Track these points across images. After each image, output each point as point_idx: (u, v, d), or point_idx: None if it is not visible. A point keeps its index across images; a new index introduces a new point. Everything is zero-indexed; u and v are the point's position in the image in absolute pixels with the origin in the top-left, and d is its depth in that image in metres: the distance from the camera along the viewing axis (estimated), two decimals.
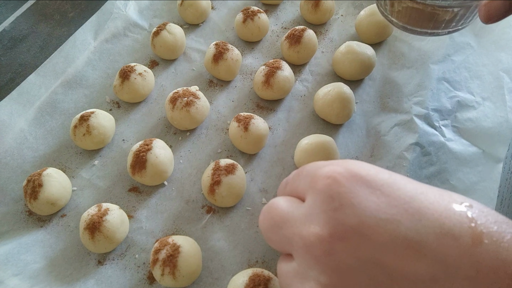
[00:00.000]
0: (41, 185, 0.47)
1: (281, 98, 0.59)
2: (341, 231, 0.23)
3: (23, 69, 0.64)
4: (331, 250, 0.23)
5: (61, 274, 0.45)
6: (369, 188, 0.23)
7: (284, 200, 0.29)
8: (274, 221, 0.28)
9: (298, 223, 0.25)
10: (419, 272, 0.21)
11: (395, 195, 0.23)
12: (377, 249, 0.22)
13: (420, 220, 0.22)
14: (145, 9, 0.69)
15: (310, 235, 0.24)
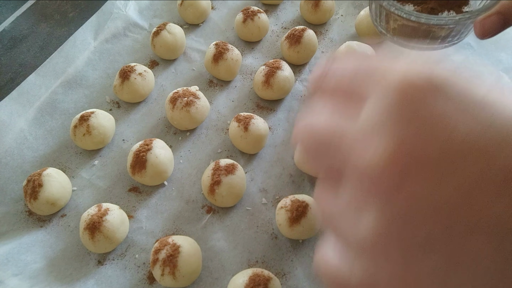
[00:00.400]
0: (41, 185, 0.47)
1: (281, 98, 0.59)
2: (420, 158, 0.16)
3: (23, 69, 0.64)
4: (403, 182, 0.16)
5: (61, 274, 0.45)
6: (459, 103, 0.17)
7: (325, 116, 0.20)
8: (321, 137, 0.20)
9: (355, 141, 0.18)
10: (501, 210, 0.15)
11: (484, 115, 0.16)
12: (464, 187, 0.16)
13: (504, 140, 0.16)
14: (145, 9, 0.69)
15: (375, 161, 0.17)
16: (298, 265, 0.45)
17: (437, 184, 0.16)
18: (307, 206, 0.44)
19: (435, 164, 0.16)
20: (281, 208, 0.45)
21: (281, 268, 0.45)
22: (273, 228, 0.48)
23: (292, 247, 0.46)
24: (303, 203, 0.44)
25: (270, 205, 0.49)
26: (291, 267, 0.45)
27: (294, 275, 0.44)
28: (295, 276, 0.44)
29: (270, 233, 0.47)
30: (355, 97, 0.19)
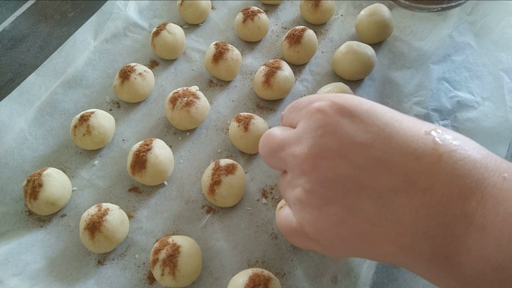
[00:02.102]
0: (41, 185, 0.47)
1: (281, 98, 0.59)
2: (325, 151, 0.28)
3: (23, 69, 0.64)
4: (316, 165, 0.28)
5: (61, 274, 0.45)
6: (351, 118, 0.28)
7: (279, 129, 0.34)
8: (272, 147, 0.34)
9: (292, 145, 0.31)
10: (383, 184, 0.26)
11: (372, 122, 0.27)
12: (352, 166, 0.27)
13: (389, 143, 0.26)
14: (145, 9, 0.69)
15: (301, 154, 0.29)
16: (298, 265, 0.45)
17: (335, 166, 0.28)
18: None
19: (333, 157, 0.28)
20: (281, 208, 0.45)
21: (281, 268, 0.45)
22: (273, 228, 0.48)
23: (292, 247, 0.46)
24: None
25: (270, 205, 0.49)
26: (291, 267, 0.45)
27: (294, 275, 0.44)
28: (295, 276, 0.44)
29: (270, 233, 0.47)
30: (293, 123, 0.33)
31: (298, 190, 0.30)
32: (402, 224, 0.25)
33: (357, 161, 0.27)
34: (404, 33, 0.64)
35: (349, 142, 0.27)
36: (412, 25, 0.65)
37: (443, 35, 0.61)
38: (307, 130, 0.30)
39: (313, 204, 0.29)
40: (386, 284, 0.43)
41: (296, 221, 0.31)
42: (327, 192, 0.28)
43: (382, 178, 0.26)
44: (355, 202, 0.27)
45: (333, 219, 0.28)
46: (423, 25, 0.65)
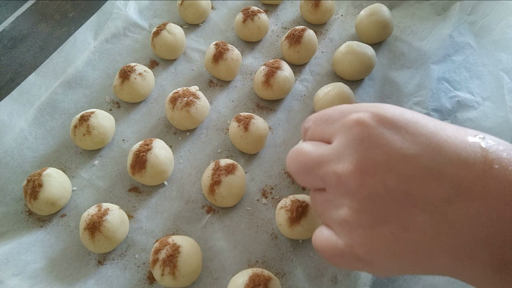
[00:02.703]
0: (41, 185, 0.47)
1: (281, 98, 0.59)
2: (372, 166, 0.27)
3: (23, 69, 0.64)
4: (363, 182, 0.27)
5: (61, 274, 0.45)
6: (395, 129, 0.27)
7: (311, 145, 0.32)
8: (306, 164, 0.31)
9: (331, 162, 0.29)
10: (437, 195, 0.25)
11: (418, 132, 0.27)
12: (403, 179, 0.26)
13: (439, 152, 0.26)
14: (145, 9, 0.69)
15: (345, 171, 0.27)
16: (298, 265, 0.45)
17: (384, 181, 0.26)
18: (307, 206, 0.44)
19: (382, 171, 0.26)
20: (281, 208, 0.45)
21: (281, 268, 0.45)
22: (273, 228, 0.48)
23: (292, 247, 0.46)
24: (303, 203, 0.44)
25: (270, 205, 0.49)
26: (291, 267, 0.45)
27: (294, 275, 0.44)
28: (295, 276, 0.44)
29: (270, 233, 0.47)
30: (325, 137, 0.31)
31: (344, 211, 0.28)
32: (460, 235, 0.25)
33: (408, 174, 0.26)
34: (404, 33, 0.64)
35: (397, 155, 0.26)
36: (412, 25, 0.65)
37: (443, 35, 0.61)
38: (349, 145, 0.28)
39: (363, 224, 0.27)
40: (386, 284, 0.43)
41: (343, 243, 0.29)
42: (378, 210, 0.27)
43: (435, 189, 0.25)
44: (409, 218, 0.26)
45: (387, 238, 0.27)
46: (423, 25, 0.65)
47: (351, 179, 0.27)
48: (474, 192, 0.24)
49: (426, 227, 0.25)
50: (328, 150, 0.30)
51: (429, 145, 0.26)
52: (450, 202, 0.25)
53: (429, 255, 0.26)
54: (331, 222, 0.31)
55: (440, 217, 0.25)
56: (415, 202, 0.26)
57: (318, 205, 0.32)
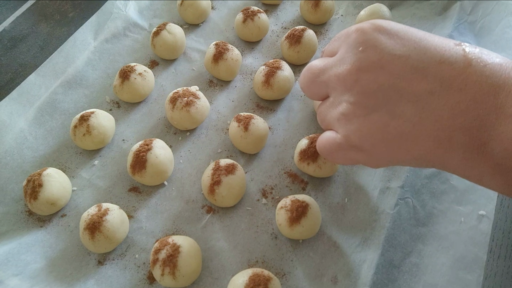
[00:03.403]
0: (41, 185, 0.47)
1: (281, 98, 0.59)
2: (366, 65, 0.31)
3: (23, 69, 0.64)
4: (358, 79, 0.31)
5: (61, 274, 0.45)
6: (388, 34, 0.31)
7: (319, 59, 0.37)
8: (313, 73, 0.36)
9: (333, 67, 0.34)
10: (421, 88, 0.29)
11: (408, 37, 0.31)
12: (392, 76, 0.30)
13: (425, 53, 0.30)
14: (145, 9, 0.69)
15: (343, 70, 0.32)
16: (298, 265, 0.45)
17: (376, 77, 0.31)
18: (307, 206, 0.44)
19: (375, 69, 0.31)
20: (281, 208, 0.45)
21: (281, 268, 0.45)
22: (273, 228, 0.48)
23: (292, 247, 0.46)
24: (303, 203, 0.44)
25: (270, 205, 0.49)
26: (291, 267, 0.45)
27: (294, 275, 0.44)
28: (295, 276, 0.44)
29: (270, 233, 0.47)
30: (334, 52, 0.36)
31: (342, 106, 0.33)
32: (441, 122, 0.29)
33: (397, 71, 0.30)
34: None
35: (389, 55, 0.30)
36: (412, 25, 0.64)
37: (443, 35, 0.61)
38: (347, 49, 0.33)
39: (358, 114, 0.32)
40: (386, 284, 0.43)
41: (340, 136, 0.34)
42: (370, 102, 0.31)
43: (420, 84, 0.29)
44: (397, 107, 0.30)
45: (377, 125, 0.31)
46: (423, 25, 0.65)
47: (348, 76, 0.32)
48: (454, 85, 0.28)
49: (411, 114, 0.30)
50: (331, 59, 0.35)
51: (416, 48, 0.30)
52: (432, 94, 0.29)
53: (413, 140, 0.30)
54: (331, 122, 0.35)
55: (423, 106, 0.29)
56: (402, 94, 0.30)
57: (322, 112, 0.37)
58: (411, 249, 0.45)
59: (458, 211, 0.47)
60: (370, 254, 0.45)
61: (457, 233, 0.46)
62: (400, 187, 0.49)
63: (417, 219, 0.47)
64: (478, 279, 0.43)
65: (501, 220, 0.48)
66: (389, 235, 0.46)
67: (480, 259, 0.44)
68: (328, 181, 0.51)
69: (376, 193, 0.49)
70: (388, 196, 0.49)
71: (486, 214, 0.47)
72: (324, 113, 0.37)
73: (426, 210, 0.48)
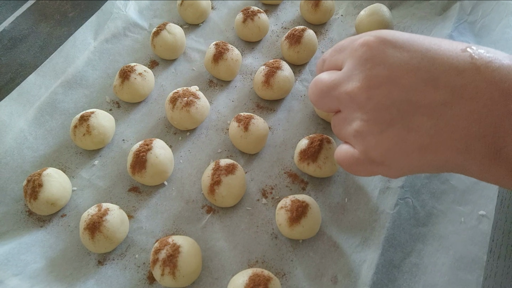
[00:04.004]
0: (41, 185, 0.47)
1: (281, 98, 0.59)
2: (377, 82, 0.31)
3: (23, 69, 0.64)
4: (370, 96, 0.31)
5: (61, 274, 0.45)
6: (395, 48, 0.31)
7: (326, 73, 0.37)
8: (322, 90, 0.36)
9: (343, 83, 0.34)
10: (434, 100, 0.29)
11: (414, 49, 0.31)
12: (404, 90, 0.30)
13: (433, 64, 0.30)
14: (145, 9, 0.69)
15: (354, 88, 0.32)
16: (298, 265, 0.45)
17: (388, 92, 0.31)
18: (307, 206, 0.44)
19: (385, 84, 0.31)
20: (281, 208, 0.45)
21: (281, 268, 0.45)
22: (273, 228, 0.48)
23: (292, 247, 0.46)
24: (303, 203, 0.44)
25: (270, 205, 0.49)
26: (291, 267, 0.45)
27: (294, 275, 0.44)
28: (295, 276, 0.44)
29: (270, 233, 0.47)
30: (338, 65, 0.36)
31: (356, 123, 0.33)
32: (457, 131, 0.29)
33: (408, 85, 0.30)
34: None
35: (398, 69, 0.31)
36: (412, 25, 0.65)
37: (443, 35, 0.61)
38: (356, 66, 0.33)
39: (373, 131, 0.32)
40: (386, 285, 0.43)
41: (358, 151, 0.34)
42: (385, 117, 0.31)
43: (433, 95, 0.29)
44: (412, 121, 0.30)
45: (395, 140, 0.31)
46: (423, 25, 0.65)
47: (360, 94, 0.32)
48: (465, 94, 0.29)
49: (427, 127, 0.30)
50: (340, 74, 0.35)
51: (424, 59, 0.30)
52: (445, 105, 0.29)
53: (433, 151, 0.31)
54: (347, 137, 0.36)
55: (438, 117, 0.30)
56: (416, 107, 0.30)
57: (336, 125, 0.37)
58: (411, 249, 0.45)
59: (458, 211, 0.47)
60: (370, 254, 0.45)
61: (457, 233, 0.46)
62: (400, 187, 0.49)
63: (417, 219, 0.47)
64: (478, 279, 0.43)
65: (501, 220, 0.48)
66: (389, 235, 0.46)
67: (480, 259, 0.44)
68: (328, 181, 0.51)
69: (376, 193, 0.49)
70: (388, 196, 0.49)
71: (486, 214, 0.47)
72: (338, 127, 0.37)
73: (426, 210, 0.48)
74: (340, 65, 0.36)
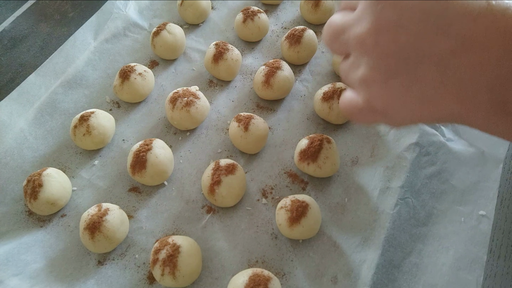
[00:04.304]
0: (41, 185, 0.47)
1: (281, 98, 0.59)
2: (385, 25, 0.29)
3: (23, 69, 0.64)
4: (377, 40, 0.30)
5: (61, 274, 0.45)
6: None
7: (339, 14, 0.35)
8: (334, 32, 0.35)
9: (353, 26, 0.32)
10: (443, 48, 0.28)
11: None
12: (412, 36, 0.28)
13: (447, 8, 0.27)
14: (145, 9, 0.69)
15: (362, 32, 0.31)
16: (298, 265, 0.45)
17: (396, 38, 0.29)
18: (307, 206, 0.44)
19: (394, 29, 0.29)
20: (281, 208, 0.45)
21: (281, 268, 0.45)
22: (273, 228, 0.48)
23: (292, 247, 0.46)
24: (303, 203, 0.44)
25: (270, 205, 0.49)
26: (291, 267, 0.45)
27: (294, 275, 0.44)
28: (295, 276, 0.44)
29: (270, 233, 0.47)
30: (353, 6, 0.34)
31: (361, 69, 0.32)
32: (463, 82, 0.28)
33: (417, 30, 0.28)
34: None
35: (409, 12, 0.29)
36: None
37: None
38: (367, 7, 0.31)
39: (377, 79, 0.31)
40: (386, 285, 0.43)
41: (362, 99, 0.33)
42: (390, 65, 0.30)
43: (442, 43, 0.28)
44: (418, 70, 0.29)
45: (398, 90, 0.30)
46: None
47: (367, 38, 0.30)
48: (477, 43, 0.27)
49: (433, 77, 0.29)
50: (351, 17, 0.33)
51: (438, 3, 0.28)
52: (455, 54, 0.27)
53: (436, 102, 0.30)
54: (353, 83, 0.34)
55: (446, 67, 0.28)
56: (423, 56, 0.28)
57: (344, 70, 0.36)
58: (411, 249, 0.45)
59: (458, 211, 0.47)
60: (370, 254, 0.45)
61: (457, 233, 0.46)
62: (400, 187, 0.49)
63: (417, 219, 0.47)
64: (478, 279, 0.43)
65: (501, 220, 0.48)
66: (389, 235, 0.46)
67: (480, 259, 0.44)
68: (328, 181, 0.51)
69: (376, 193, 0.49)
70: (388, 196, 0.49)
71: (486, 214, 0.47)
72: (346, 72, 0.36)
73: (426, 210, 0.48)
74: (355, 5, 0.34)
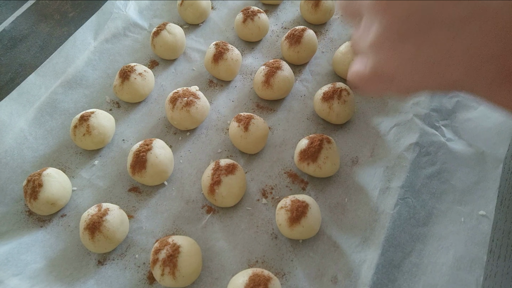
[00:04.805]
0: (41, 185, 0.47)
1: (281, 98, 0.59)
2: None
3: (23, 69, 0.64)
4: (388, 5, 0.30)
5: (61, 274, 0.45)
6: None
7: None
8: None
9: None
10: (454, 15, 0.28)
11: None
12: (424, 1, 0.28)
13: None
14: (145, 9, 0.69)
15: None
16: (298, 265, 0.45)
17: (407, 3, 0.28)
18: (307, 206, 0.44)
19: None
20: (281, 208, 0.45)
21: (281, 268, 0.45)
22: (273, 228, 0.48)
23: (292, 247, 0.46)
24: (303, 203, 0.44)
25: (270, 205, 0.49)
26: (291, 267, 0.45)
27: (294, 275, 0.44)
28: (295, 276, 0.44)
29: (270, 233, 0.47)
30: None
31: (373, 34, 0.32)
32: (471, 50, 0.28)
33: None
34: None
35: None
36: None
37: None
38: None
39: (387, 45, 0.31)
40: (386, 285, 0.43)
41: (370, 66, 0.34)
42: (400, 31, 0.30)
43: (453, 10, 0.28)
44: (428, 35, 0.29)
45: (407, 55, 0.31)
46: None
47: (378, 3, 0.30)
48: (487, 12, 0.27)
49: (442, 43, 0.29)
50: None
51: None
52: (465, 21, 0.28)
53: (443, 69, 0.30)
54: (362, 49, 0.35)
55: (455, 34, 0.28)
56: (434, 21, 0.28)
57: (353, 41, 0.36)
58: (411, 249, 0.45)
59: (458, 211, 0.47)
60: (370, 254, 0.45)
61: (457, 233, 0.46)
62: (400, 187, 0.49)
63: (417, 219, 0.47)
64: (478, 279, 0.43)
65: (501, 220, 0.48)
66: (389, 235, 0.46)
67: (480, 259, 0.44)
68: (328, 181, 0.51)
69: (376, 193, 0.49)
70: (388, 196, 0.49)
71: (486, 214, 0.47)
72: (356, 42, 0.36)
73: (426, 210, 0.48)
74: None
